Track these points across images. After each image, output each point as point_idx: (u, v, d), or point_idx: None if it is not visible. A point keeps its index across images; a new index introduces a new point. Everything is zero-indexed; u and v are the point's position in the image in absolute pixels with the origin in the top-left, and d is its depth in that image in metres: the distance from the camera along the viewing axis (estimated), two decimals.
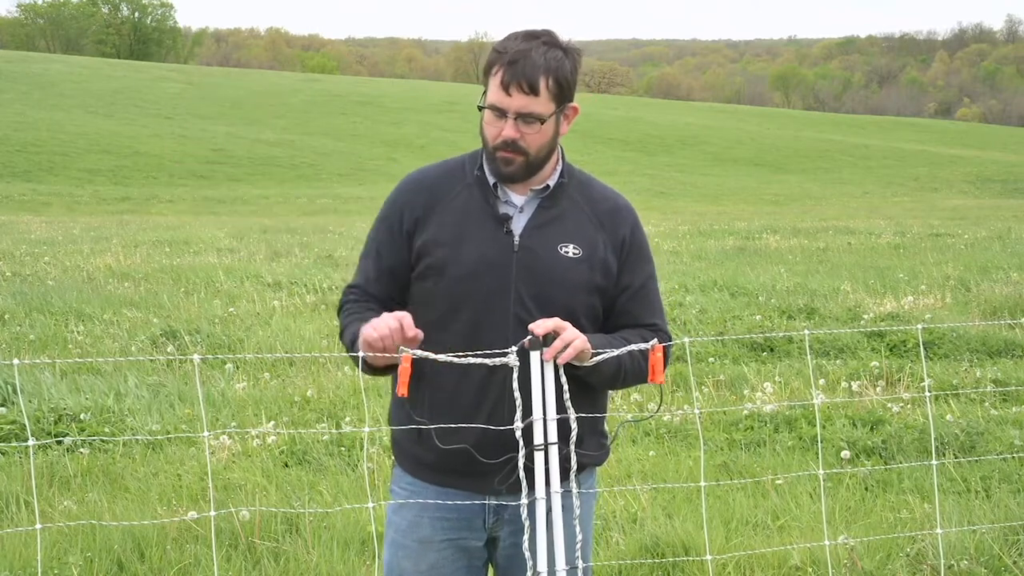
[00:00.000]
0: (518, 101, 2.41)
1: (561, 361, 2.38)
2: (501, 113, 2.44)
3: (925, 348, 8.30)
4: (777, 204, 38.85)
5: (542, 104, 2.42)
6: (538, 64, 2.40)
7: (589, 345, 2.41)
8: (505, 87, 2.41)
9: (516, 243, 2.50)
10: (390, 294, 2.59)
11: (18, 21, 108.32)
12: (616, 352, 2.45)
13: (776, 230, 21.50)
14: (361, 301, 2.61)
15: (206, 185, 38.07)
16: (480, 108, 2.48)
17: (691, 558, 4.27)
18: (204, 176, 39.76)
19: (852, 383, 7.19)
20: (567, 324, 2.39)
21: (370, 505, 2.69)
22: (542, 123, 2.44)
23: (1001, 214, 28.99)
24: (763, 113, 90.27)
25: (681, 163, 53.84)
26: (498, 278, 2.48)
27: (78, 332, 9.11)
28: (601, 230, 2.57)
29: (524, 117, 2.43)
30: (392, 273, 2.58)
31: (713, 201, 39.79)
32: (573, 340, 2.37)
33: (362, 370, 2.48)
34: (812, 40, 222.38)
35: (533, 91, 2.40)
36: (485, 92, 2.47)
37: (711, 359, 8.05)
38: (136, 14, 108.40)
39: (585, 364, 2.43)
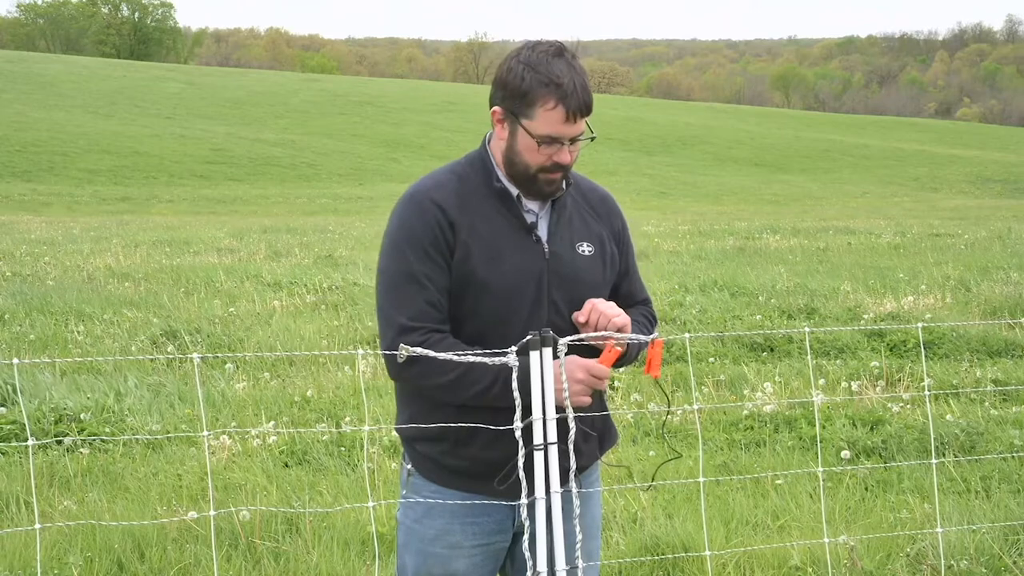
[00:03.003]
0: (578, 128, 2.42)
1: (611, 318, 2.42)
2: (555, 140, 2.42)
3: (925, 348, 8.30)
4: (777, 204, 38.86)
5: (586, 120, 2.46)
6: (588, 86, 2.41)
7: (629, 319, 2.46)
8: (573, 118, 2.39)
9: (547, 250, 2.51)
10: (447, 318, 2.48)
11: (18, 21, 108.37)
12: (638, 338, 2.50)
13: (776, 230, 21.50)
14: (443, 340, 2.44)
15: (206, 185, 38.09)
16: (533, 137, 2.41)
17: (691, 554, 4.27)
18: (204, 176, 39.78)
19: (852, 383, 7.19)
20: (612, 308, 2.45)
21: (370, 505, 2.69)
22: (587, 139, 2.48)
23: (1001, 214, 28.99)
24: (763, 113, 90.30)
25: (681, 163, 53.87)
26: (536, 287, 2.48)
27: (78, 332, 9.11)
28: (600, 222, 2.63)
29: (575, 139, 2.44)
30: (445, 294, 2.46)
31: (713, 201, 39.80)
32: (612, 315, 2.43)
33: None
34: (812, 40, 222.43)
35: (590, 112, 2.43)
36: (522, 118, 2.41)
37: (711, 359, 8.05)
38: (136, 14, 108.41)
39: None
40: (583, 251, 2.55)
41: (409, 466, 2.64)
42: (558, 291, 2.50)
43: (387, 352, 2.44)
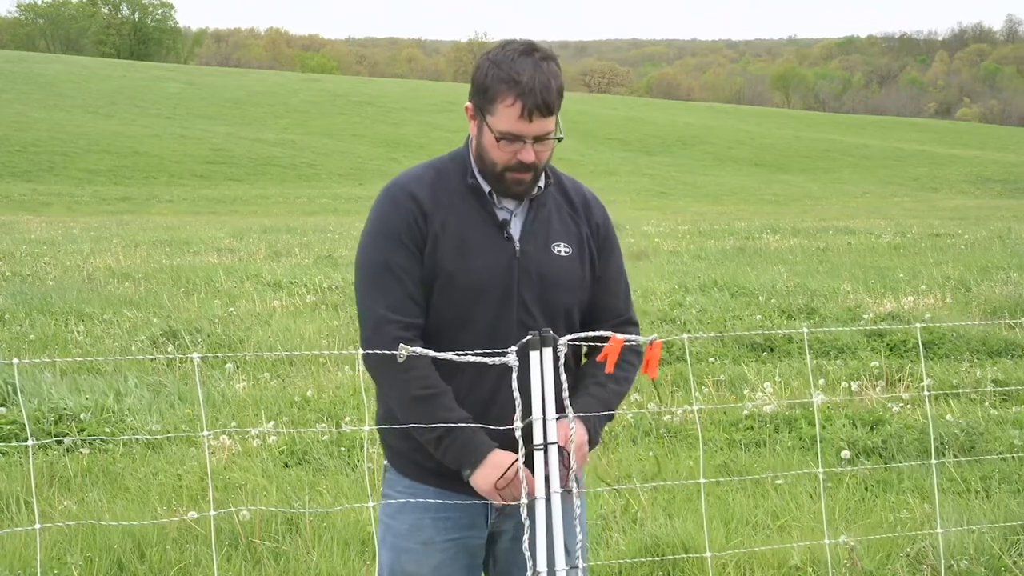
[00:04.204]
0: (538, 127, 2.41)
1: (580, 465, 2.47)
2: (516, 138, 2.42)
3: (925, 348, 8.30)
4: (777, 204, 38.86)
5: (554, 121, 2.44)
6: (551, 86, 2.39)
7: (587, 440, 2.48)
8: (528, 116, 2.39)
9: (518, 248, 2.51)
10: (424, 310, 2.49)
11: (18, 21, 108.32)
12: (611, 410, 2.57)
13: (776, 230, 21.50)
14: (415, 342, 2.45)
15: (206, 185, 38.09)
16: (493, 133, 2.42)
17: (691, 555, 4.27)
18: (204, 176, 39.78)
19: (852, 383, 7.19)
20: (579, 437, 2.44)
21: (370, 505, 2.69)
22: (554, 139, 2.47)
23: (1001, 214, 29.00)
24: (763, 113, 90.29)
25: (681, 163, 53.87)
26: (504, 285, 2.48)
27: (78, 332, 9.11)
28: (581, 222, 2.62)
29: (540, 138, 2.43)
30: (421, 286, 2.48)
31: (713, 201, 39.80)
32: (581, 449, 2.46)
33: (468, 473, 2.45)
34: (812, 40, 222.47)
35: (551, 113, 2.41)
36: (487, 114, 2.43)
37: (711, 359, 8.05)
38: (136, 14, 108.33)
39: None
40: (559, 251, 2.54)
41: (385, 462, 2.67)
42: (528, 290, 2.49)
43: (367, 352, 2.45)
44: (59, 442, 5.79)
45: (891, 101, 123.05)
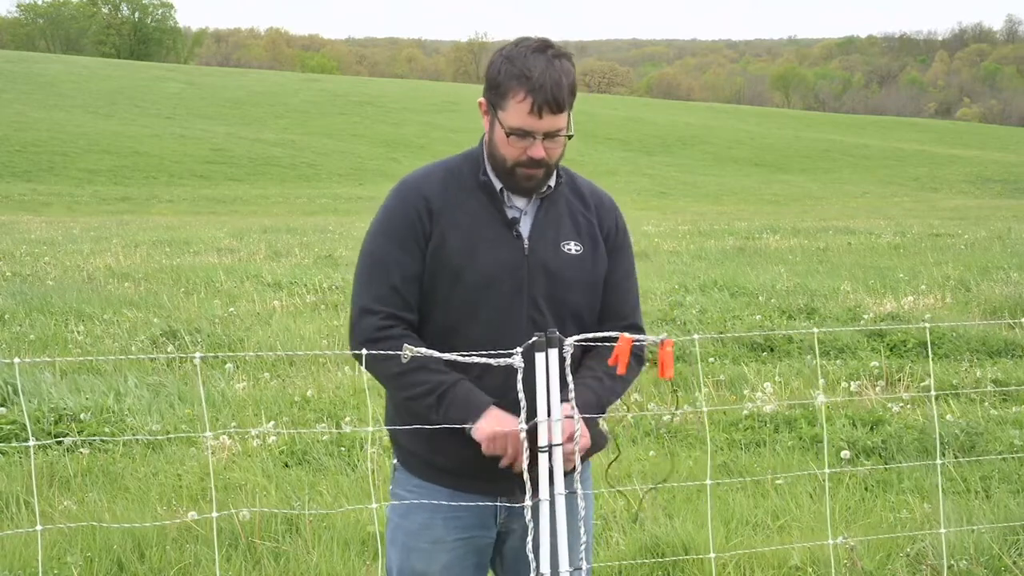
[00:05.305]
0: (548, 123, 2.42)
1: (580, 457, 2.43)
2: (527, 134, 2.43)
3: (925, 348, 8.30)
4: (777, 204, 38.86)
5: (565, 118, 2.45)
6: (562, 83, 2.40)
7: (588, 438, 2.46)
8: (538, 112, 2.39)
9: (527, 246, 2.51)
10: (414, 306, 2.51)
11: (18, 21, 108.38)
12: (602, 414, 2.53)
13: (776, 230, 21.50)
14: (403, 335, 2.48)
15: (206, 185, 38.09)
16: (504, 128, 2.43)
17: (692, 556, 4.27)
18: (204, 176, 39.78)
19: (852, 383, 7.19)
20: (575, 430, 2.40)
21: (372, 506, 2.69)
22: (565, 136, 2.47)
23: (1001, 214, 29.00)
24: (763, 113, 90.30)
25: (681, 163, 53.88)
26: (513, 282, 2.49)
27: (78, 332, 9.11)
28: (594, 223, 2.62)
29: (551, 135, 2.44)
30: (415, 282, 2.50)
31: (713, 201, 39.81)
32: (576, 448, 2.41)
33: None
34: (812, 40, 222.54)
35: (561, 110, 2.42)
36: (498, 109, 2.44)
37: (711, 359, 8.05)
38: (136, 14, 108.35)
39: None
40: (569, 249, 2.55)
41: (395, 461, 2.68)
42: (538, 287, 2.50)
43: (353, 345, 2.50)
44: (59, 442, 5.79)
45: (891, 101, 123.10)
